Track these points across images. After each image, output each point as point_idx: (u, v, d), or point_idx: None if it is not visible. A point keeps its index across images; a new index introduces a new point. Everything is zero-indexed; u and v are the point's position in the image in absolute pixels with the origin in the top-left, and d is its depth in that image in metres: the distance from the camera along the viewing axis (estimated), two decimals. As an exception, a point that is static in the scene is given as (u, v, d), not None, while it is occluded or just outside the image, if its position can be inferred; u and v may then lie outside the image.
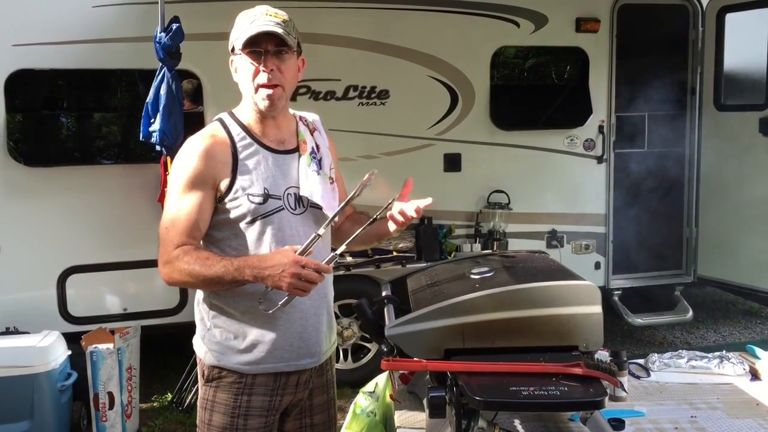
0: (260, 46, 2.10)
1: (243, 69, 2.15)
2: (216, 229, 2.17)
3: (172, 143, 4.33)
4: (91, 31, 4.68)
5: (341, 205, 2.20)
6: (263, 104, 2.15)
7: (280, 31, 2.10)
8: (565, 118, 5.95)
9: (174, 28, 4.21)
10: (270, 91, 2.13)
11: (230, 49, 2.19)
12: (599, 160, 5.94)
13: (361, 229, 2.15)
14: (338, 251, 2.10)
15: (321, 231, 2.12)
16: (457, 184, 5.64)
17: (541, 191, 5.86)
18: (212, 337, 2.22)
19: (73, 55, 4.68)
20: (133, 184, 4.88)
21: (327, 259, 2.06)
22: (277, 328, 2.17)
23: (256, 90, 2.14)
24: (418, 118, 5.50)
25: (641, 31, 6.17)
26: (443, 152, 5.58)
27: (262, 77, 2.12)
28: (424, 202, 2.16)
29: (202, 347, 2.26)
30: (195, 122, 4.40)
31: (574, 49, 5.89)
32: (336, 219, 2.20)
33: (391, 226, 2.23)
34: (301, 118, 2.35)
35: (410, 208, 2.16)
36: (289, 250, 2.03)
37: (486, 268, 2.19)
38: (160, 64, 4.32)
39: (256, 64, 2.12)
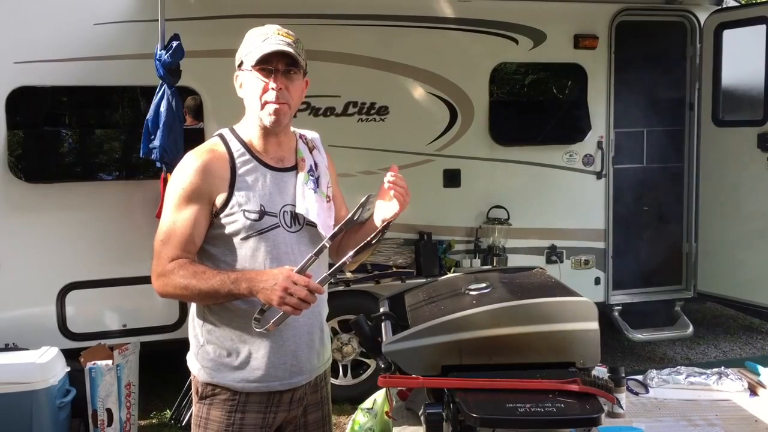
0: (271, 64, 2.12)
1: (251, 85, 2.16)
2: (211, 244, 2.18)
3: (172, 160, 4.34)
4: (91, 48, 4.71)
5: (336, 228, 2.19)
6: (269, 120, 2.16)
7: (292, 50, 2.12)
8: (564, 133, 5.96)
9: (174, 45, 4.23)
10: (277, 107, 2.15)
11: (237, 64, 2.21)
12: (598, 175, 5.95)
13: (352, 252, 2.10)
14: (330, 272, 2.09)
15: (316, 252, 2.11)
16: (456, 200, 5.66)
17: (541, 207, 5.86)
18: (206, 354, 2.22)
19: (74, 72, 4.71)
20: (133, 201, 4.90)
21: (320, 279, 2.06)
22: (270, 346, 2.17)
23: (263, 106, 2.15)
24: (418, 134, 5.52)
25: (639, 48, 6.20)
26: (443, 168, 5.60)
27: (271, 95, 2.14)
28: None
29: (195, 364, 2.26)
30: (195, 139, 4.43)
31: (573, 65, 5.92)
32: (329, 243, 2.18)
33: (393, 207, 2.17)
34: (301, 135, 2.37)
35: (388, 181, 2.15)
36: (286, 268, 2.04)
37: (483, 285, 2.19)
38: (161, 81, 4.35)
39: (266, 81, 2.13)
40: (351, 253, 2.10)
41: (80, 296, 4.81)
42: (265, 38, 2.14)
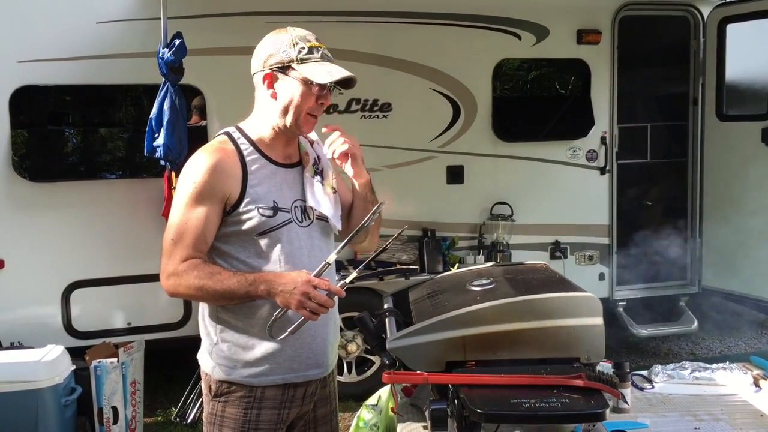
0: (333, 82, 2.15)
1: (294, 94, 2.14)
2: (223, 242, 2.17)
3: (177, 158, 4.36)
4: (95, 47, 4.71)
5: (351, 235, 2.21)
6: (304, 129, 2.21)
7: (354, 78, 2.16)
8: (568, 129, 5.96)
9: (177, 43, 4.24)
10: (314, 120, 2.21)
11: (279, 65, 2.15)
12: (602, 171, 5.94)
13: (372, 256, 2.18)
14: (349, 279, 2.11)
15: (330, 259, 2.14)
16: (460, 196, 5.65)
17: (544, 203, 5.86)
18: (220, 352, 2.21)
19: (77, 70, 4.71)
20: (138, 199, 4.90)
21: (340, 283, 2.09)
22: (285, 339, 2.17)
23: (304, 117, 2.17)
24: (421, 131, 5.52)
25: (643, 43, 6.19)
26: (446, 164, 5.59)
27: (318, 110, 2.18)
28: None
29: (209, 362, 2.25)
30: (199, 136, 4.43)
31: (576, 60, 5.90)
32: (342, 247, 2.19)
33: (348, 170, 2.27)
34: None
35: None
36: (304, 272, 2.05)
37: (487, 280, 2.19)
38: (164, 79, 4.35)
39: (317, 96, 2.15)
40: (371, 256, 2.18)
41: (85, 295, 4.83)
42: (322, 53, 2.15)
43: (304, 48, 2.14)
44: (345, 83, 2.17)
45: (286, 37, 2.17)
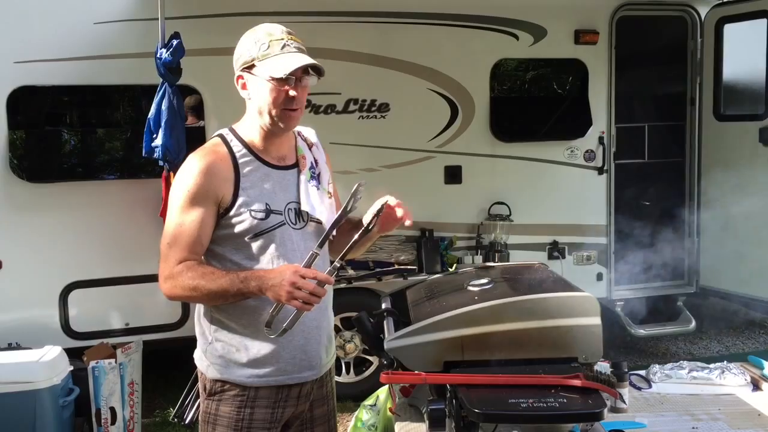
0: (293, 73, 2.12)
1: (266, 92, 2.14)
2: (217, 244, 2.18)
3: (175, 158, 4.35)
4: (92, 47, 4.70)
5: (335, 218, 2.20)
6: (286, 125, 2.18)
7: (318, 63, 2.13)
8: (566, 129, 5.96)
9: (174, 43, 4.23)
10: (294, 113, 2.17)
11: (246, 66, 2.17)
12: (600, 171, 5.95)
13: (357, 235, 2.16)
14: (336, 263, 2.11)
15: (317, 248, 2.13)
16: (458, 197, 5.65)
17: (542, 203, 5.86)
18: (214, 351, 2.23)
19: (74, 71, 4.70)
20: (135, 200, 4.89)
21: (327, 270, 2.08)
22: (279, 341, 2.17)
23: (281, 113, 2.15)
24: (419, 131, 5.52)
25: (640, 43, 6.19)
26: (444, 165, 5.59)
27: (290, 102, 2.14)
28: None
29: (204, 361, 2.26)
30: (197, 137, 4.44)
31: (574, 61, 5.91)
32: (333, 234, 2.20)
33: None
34: (299, 133, 2.37)
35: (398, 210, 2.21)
36: (293, 265, 2.05)
37: (485, 280, 2.19)
38: (161, 79, 4.35)
39: (285, 90, 2.13)
40: (356, 236, 2.14)
41: (83, 295, 4.81)
42: (283, 45, 2.13)
43: (264, 44, 2.14)
44: (315, 70, 2.15)
45: (252, 37, 2.18)
